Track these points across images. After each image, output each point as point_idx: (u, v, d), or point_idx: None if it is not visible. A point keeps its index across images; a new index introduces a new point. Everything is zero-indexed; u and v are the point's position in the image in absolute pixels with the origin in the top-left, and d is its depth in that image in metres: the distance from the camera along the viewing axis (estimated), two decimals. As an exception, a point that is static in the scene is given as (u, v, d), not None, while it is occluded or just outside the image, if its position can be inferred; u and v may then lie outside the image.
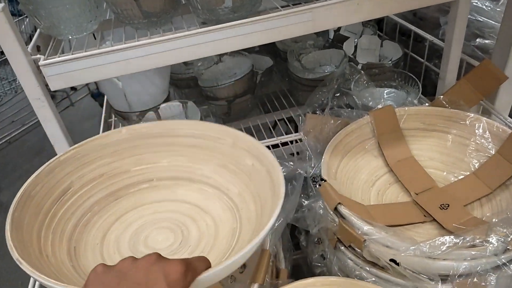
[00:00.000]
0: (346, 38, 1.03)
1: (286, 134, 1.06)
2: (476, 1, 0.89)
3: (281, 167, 0.61)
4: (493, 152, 0.62)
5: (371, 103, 0.82)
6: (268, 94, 1.08)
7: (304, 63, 0.96)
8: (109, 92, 0.87)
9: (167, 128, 0.55)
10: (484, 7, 0.88)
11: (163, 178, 0.55)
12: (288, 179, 0.63)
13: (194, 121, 0.57)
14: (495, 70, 0.65)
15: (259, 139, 0.97)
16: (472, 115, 0.65)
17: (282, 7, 0.70)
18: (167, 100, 0.90)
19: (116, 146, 0.54)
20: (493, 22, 0.86)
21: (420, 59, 0.98)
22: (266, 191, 0.47)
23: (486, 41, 0.86)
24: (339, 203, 0.52)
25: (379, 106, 0.70)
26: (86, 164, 0.52)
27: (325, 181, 0.56)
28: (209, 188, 0.53)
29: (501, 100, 0.74)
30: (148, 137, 0.55)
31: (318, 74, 0.91)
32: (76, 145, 0.52)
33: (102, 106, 2.08)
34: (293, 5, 0.71)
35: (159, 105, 0.86)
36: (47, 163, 0.49)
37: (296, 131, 1.05)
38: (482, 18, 0.87)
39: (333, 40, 1.05)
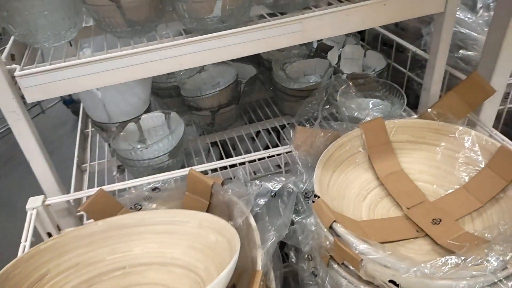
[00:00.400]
0: (330, 47, 1.03)
1: (269, 142, 1.05)
2: (458, 13, 0.90)
3: (272, 182, 0.60)
4: (482, 165, 0.62)
5: (356, 113, 0.81)
6: (251, 103, 1.06)
7: (288, 72, 0.95)
8: (87, 102, 0.83)
9: (139, 218, 0.60)
10: (466, 19, 0.90)
11: (135, 265, 0.59)
12: (278, 195, 0.62)
13: (164, 210, 0.62)
14: (484, 83, 0.65)
15: (243, 150, 0.95)
16: (461, 128, 0.65)
17: (267, 14, 0.69)
18: (148, 110, 0.86)
19: (92, 237, 0.58)
20: (475, 34, 0.87)
21: (402, 69, 0.98)
22: (228, 258, 0.51)
23: (469, 53, 0.88)
24: (335, 221, 0.51)
25: (368, 118, 0.69)
26: (63, 253, 0.56)
27: (318, 197, 0.55)
28: (178, 268, 0.57)
29: (486, 111, 0.75)
30: (121, 227, 0.59)
31: (303, 84, 0.90)
32: (55, 236, 0.56)
33: (74, 113, 2.01)
34: (280, 13, 0.70)
35: (140, 115, 0.83)
36: (27, 251, 0.54)
37: (279, 139, 1.04)
38: (465, 30, 0.88)
39: (317, 49, 1.04)
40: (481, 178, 0.61)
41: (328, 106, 0.74)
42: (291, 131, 0.64)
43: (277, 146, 1.02)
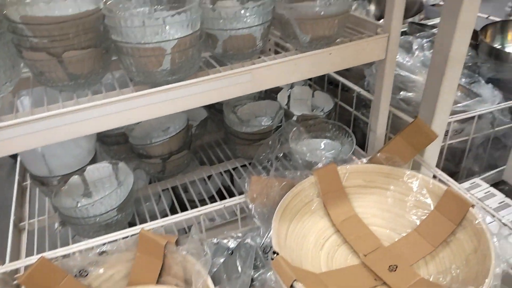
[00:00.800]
0: (279, 88, 1.04)
1: (222, 184, 1.03)
2: (397, 57, 0.95)
3: (229, 239, 0.58)
4: (431, 208, 0.64)
5: (308, 156, 0.82)
6: (203, 145, 1.05)
7: (239, 115, 0.95)
8: (24, 155, 0.77)
9: None
10: (404, 62, 0.95)
11: None
12: (236, 250, 0.60)
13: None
14: (426, 129, 0.68)
15: (195, 192, 0.93)
16: (408, 172, 0.67)
17: (211, 58, 0.68)
18: (93, 160, 0.82)
19: None
20: (414, 76, 0.93)
21: (349, 108, 1.01)
22: None
23: (409, 94, 0.92)
24: (295, 280, 0.50)
25: (320, 165, 0.70)
26: None
27: (277, 254, 0.54)
28: None
29: (429, 151, 0.78)
30: None
31: (254, 127, 0.90)
32: None
33: (11, 156, 1.86)
34: (228, 62, 0.70)
35: (85, 167, 0.78)
36: None
37: (232, 181, 1.03)
38: (404, 72, 0.93)
39: (266, 91, 1.05)
40: (431, 221, 0.63)
41: (281, 154, 0.74)
42: (246, 182, 0.63)
43: (230, 187, 1.01)
